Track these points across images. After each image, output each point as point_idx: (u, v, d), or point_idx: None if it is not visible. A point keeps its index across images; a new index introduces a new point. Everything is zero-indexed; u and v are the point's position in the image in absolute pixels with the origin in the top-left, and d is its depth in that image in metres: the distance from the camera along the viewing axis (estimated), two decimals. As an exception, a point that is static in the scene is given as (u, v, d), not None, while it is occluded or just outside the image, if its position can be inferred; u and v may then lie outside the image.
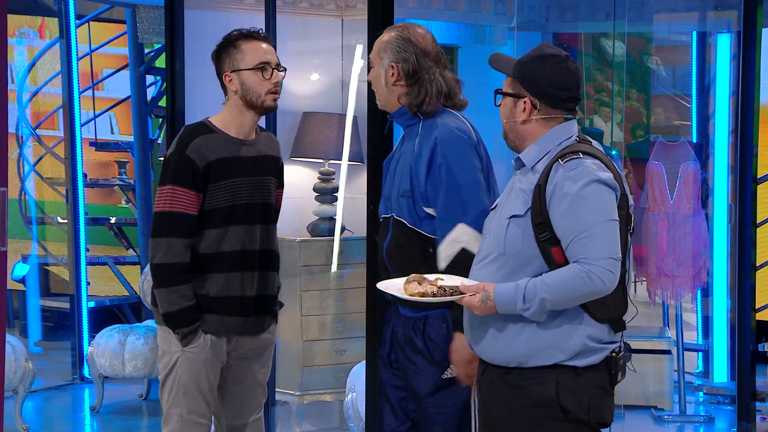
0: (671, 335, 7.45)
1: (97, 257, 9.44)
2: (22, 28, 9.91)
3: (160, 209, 4.07)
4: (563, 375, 3.39)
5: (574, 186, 3.32)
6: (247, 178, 4.13)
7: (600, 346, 3.41)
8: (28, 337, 9.17)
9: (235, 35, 4.14)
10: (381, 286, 3.57)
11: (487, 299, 3.35)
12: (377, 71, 3.94)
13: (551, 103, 3.45)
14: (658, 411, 7.15)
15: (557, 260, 3.35)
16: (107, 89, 10.18)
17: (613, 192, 3.37)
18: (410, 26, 3.97)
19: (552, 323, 3.38)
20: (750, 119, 6.35)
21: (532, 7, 8.09)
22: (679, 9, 8.12)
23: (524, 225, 3.39)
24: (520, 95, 3.45)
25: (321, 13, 6.80)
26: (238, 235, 4.12)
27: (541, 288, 3.31)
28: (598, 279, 3.28)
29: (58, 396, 7.98)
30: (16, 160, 9.44)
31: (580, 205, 3.31)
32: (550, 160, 3.40)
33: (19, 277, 9.46)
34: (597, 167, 3.36)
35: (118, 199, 10.11)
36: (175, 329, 4.07)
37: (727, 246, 7.42)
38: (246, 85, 4.11)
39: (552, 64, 3.44)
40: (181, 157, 4.05)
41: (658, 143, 7.34)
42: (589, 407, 3.41)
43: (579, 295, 3.31)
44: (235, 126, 4.15)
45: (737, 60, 6.59)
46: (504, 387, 3.46)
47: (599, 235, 3.30)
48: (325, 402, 6.58)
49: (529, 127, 3.47)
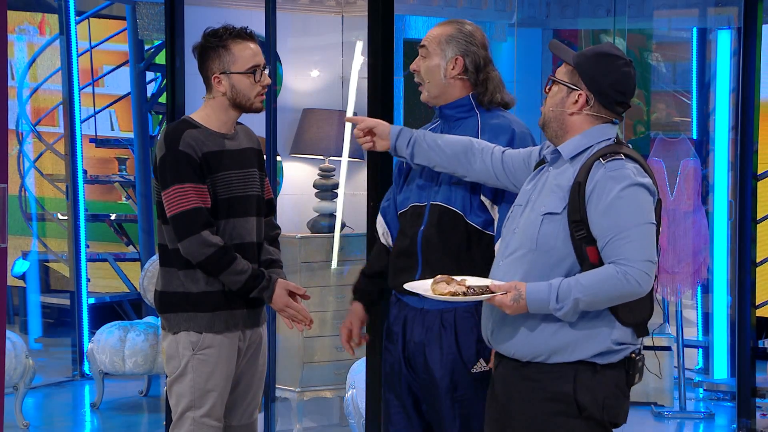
0: (671, 332, 7.45)
1: (97, 254, 9.44)
2: (22, 24, 9.90)
3: (173, 212, 4.03)
4: (582, 372, 3.37)
5: (615, 187, 3.31)
6: (236, 171, 4.13)
7: (621, 347, 3.39)
8: (29, 333, 9.17)
9: (224, 34, 4.10)
10: (408, 287, 3.53)
11: (519, 298, 3.31)
12: (435, 62, 3.91)
13: (605, 102, 3.43)
14: (658, 407, 7.16)
15: (591, 260, 3.33)
16: (107, 86, 10.17)
17: (652, 197, 3.36)
18: (463, 21, 3.98)
19: (577, 323, 3.35)
20: (750, 116, 6.35)
21: (533, 4, 8.10)
22: (680, 5, 8.13)
23: (560, 222, 3.36)
24: (576, 87, 3.43)
25: (321, 9, 6.80)
26: (237, 227, 4.12)
27: (576, 288, 3.28)
28: (634, 281, 3.26)
29: (59, 392, 7.98)
30: (16, 156, 9.43)
31: (619, 205, 3.30)
32: (589, 158, 3.38)
33: (19, 273, 9.46)
34: (637, 172, 3.35)
35: (118, 196, 10.11)
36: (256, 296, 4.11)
37: (727, 242, 7.43)
38: (236, 89, 4.10)
39: (616, 64, 3.43)
40: (176, 154, 4.03)
41: (659, 140, 7.34)
42: (604, 406, 3.39)
43: (614, 296, 3.29)
44: (218, 122, 4.14)
45: (737, 56, 6.59)
46: (519, 379, 3.44)
47: (637, 237, 3.28)
48: (326, 398, 6.58)
49: (576, 119, 3.44)
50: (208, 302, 4.10)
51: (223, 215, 4.10)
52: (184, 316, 4.12)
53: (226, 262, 4.05)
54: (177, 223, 4.03)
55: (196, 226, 4.01)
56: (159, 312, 4.20)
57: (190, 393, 4.11)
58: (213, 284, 4.10)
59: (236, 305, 4.14)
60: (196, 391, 4.10)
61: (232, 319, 4.13)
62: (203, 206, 4.03)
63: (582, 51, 3.49)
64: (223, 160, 4.10)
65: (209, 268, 4.06)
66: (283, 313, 4.15)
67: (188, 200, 4.02)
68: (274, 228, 4.34)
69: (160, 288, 4.19)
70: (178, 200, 4.02)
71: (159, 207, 4.13)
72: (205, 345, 4.11)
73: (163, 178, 4.07)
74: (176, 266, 4.12)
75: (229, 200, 4.11)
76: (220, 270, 4.05)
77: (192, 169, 4.03)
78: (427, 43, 3.94)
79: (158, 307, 4.20)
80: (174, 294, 4.14)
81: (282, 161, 6.70)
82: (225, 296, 4.11)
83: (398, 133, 3.89)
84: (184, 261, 4.08)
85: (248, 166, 4.18)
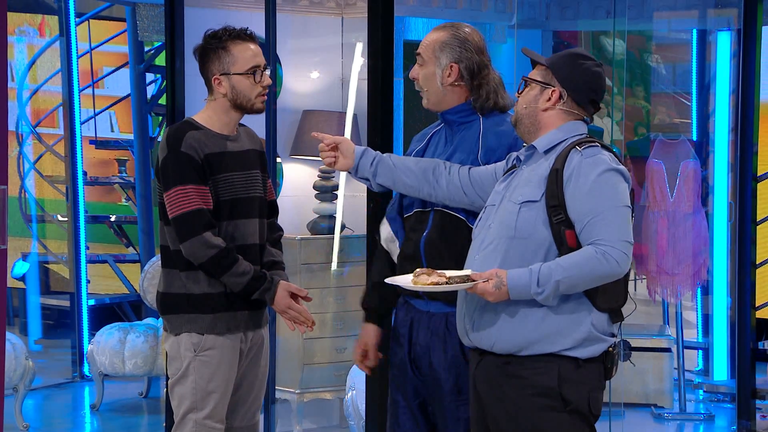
0: (671, 333, 7.45)
1: (97, 255, 9.44)
2: (22, 26, 9.91)
3: (175, 214, 4.03)
4: (565, 366, 3.42)
5: (592, 171, 3.39)
6: (239, 173, 4.13)
7: (601, 336, 3.44)
8: (28, 335, 9.16)
9: (224, 36, 4.10)
10: (390, 281, 3.57)
11: (501, 285, 3.35)
12: (431, 70, 3.90)
13: (578, 98, 3.52)
14: (658, 409, 7.16)
15: (569, 243, 3.38)
16: (107, 87, 10.17)
17: (627, 183, 3.44)
18: (459, 25, 3.96)
19: (558, 309, 3.40)
20: (750, 117, 6.35)
21: (533, 5, 8.10)
22: (680, 7, 8.12)
23: (538, 209, 3.42)
24: (550, 84, 3.52)
25: (321, 11, 6.80)
26: (239, 229, 4.12)
27: (556, 271, 3.33)
28: (613, 260, 3.32)
29: (58, 394, 7.98)
30: (16, 158, 9.43)
31: (597, 189, 3.38)
32: (565, 148, 3.46)
33: (19, 275, 9.46)
34: (612, 159, 3.44)
35: (118, 197, 10.11)
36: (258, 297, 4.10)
37: (727, 244, 7.42)
38: (237, 90, 4.10)
39: (588, 64, 3.54)
40: (178, 156, 4.03)
41: (658, 141, 7.34)
42: (589, 399, 3.45)
43: (594, 276, 3.34)
44: (220, 124, 4.14)
45: (737, 58, 6.58)
46: (503, 377, 3.47)
47: (614, 219, 3.36)
48: (325, 400, 6.58)
49: (548, 115, 3.53)
50: (209, 304, 4.10)
51: (225, 217, 4.10)
52: (186, 317, 4.12)
53: (228, 263, 4.04)
54: (179, 224, 4.03)
55: (198, 228, 4.01)
56: (161, 313, 4.19)
57: (192, 395, 4.10)
58: (215, 286, 4.10)
59: (238, 307, 4.13)
60: (198, 393, 4.10)
61: (233, 320, 4.13)
62: (205, 207, 4.03)
63: (555, 53, 3.61)
64: (225, 162, 4.09)
65: (211, 270, 4.06)
66: (285, 314, 4.15)
67: (190, 202, 4.02)
68: (277, 230, 4.34)
69: (161, 289, 4.19)
70: (180, 201, 4.02)
71: (161, 208, 4.12)
72: (206, 346, 4.11)
73: (165, 180, 4.06)
74: (178, 267, 4.11)
75: (232, 202, 4.11)
76: (222, 271, 4.05)
77: (194, 171, 4.03)
78: (422, 51, 3.93)
79: (160, 308, 4.19)
80: (176, 295, 4.13)
81: (282, 162, 6.70)
82: (227, 298, 4.11)
83: (362, 152, 3.91)
84: (186, 262, 4.08)
85: (251, 167, 4.18)
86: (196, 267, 4.07)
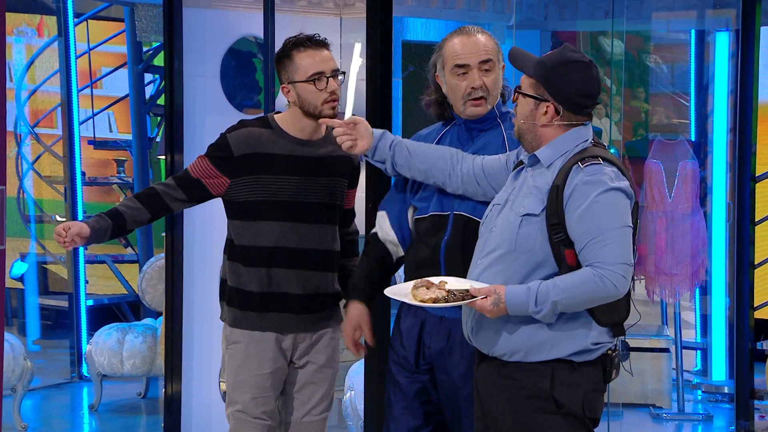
0: (670, 333, 7.46)
1: (95, 256, 9.43)
2: (20, 26, 9.91)
3: (186, 169, 4.20)
4: (559, 369, 3.42)
5: (592, 191, 3.35)
6: (298, 177, 4.11)
7: (597, 346, 3.44)
8: (27, 335, 9.16)
9: (289, 44, 4.11)
10: (388, 293, 3.54)
11: (499, 302, 3.35)
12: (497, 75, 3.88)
13: (574, 109, 3.45)
14: (657, 409, 7.16)
15: (569, 262, 3.37)
16: (106, 87, 10.17)
17: (629, 200, 3.41)
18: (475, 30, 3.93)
19: (556, 323, 3.40)
20: (748, 117, 6.35)
21: (531, 6, 8.10)
22: (678, 7, 8.13)
23: (538, 224, 3.40)
24: (543, 98, 3.44)
25: (319, 11, 6.80)
26: (274, 231, 4.11)
27: (554, 291, 3.32)
28: (611, 283, 3.31)
29: (57, 394, 7.98)
30: (14, 158, 9.43)
31: (596, 209, 3.34)
32: (568, 161, 3.41)
33: (17, 275, 9.45)
34: (615, 176, 3.39)
35: (116, 198, 10.10)
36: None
37: (725, 244, 7.43)
38: (302, 97, 4.09)
39: (577, 70, 3.43)
40: (223, 139, 4.13)
41: (657, 141, 7.34)
42: (583, 402, 3.44)
43: (591, 298, 3.34)
44: (296, 128, 4.15)
45: (736, 58, 6.59)
46: (500, 378, 3.48)
47: (614, 241, 3.33)
48: (324, 400, 6.56)
49: (549, 130, 3.46)
50: (237, 299, 4.16)
51: (253, 216, 4.11)
52: (224, 305, 4.24)
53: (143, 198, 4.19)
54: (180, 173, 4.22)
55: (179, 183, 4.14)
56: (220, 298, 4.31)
57: (228, 386, 4.21)
58: (248, 284, 4.13)
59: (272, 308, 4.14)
60: (230, 385, 4.19)
61: (259, 321, 4.14)
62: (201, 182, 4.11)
63: (542, 60, 3.47)
64: (276, 164, 4.10)
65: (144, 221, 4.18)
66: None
67: (196, 169, 4.13)
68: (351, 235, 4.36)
69: (220, 275, 4.30)
70: (193, 165, 4.16)
71: (225, 204, 4.19)
72: (233, 340, 4.18)
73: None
74: (227, 254, 4.21)
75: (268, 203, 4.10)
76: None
77: (220, 156, 4.10)
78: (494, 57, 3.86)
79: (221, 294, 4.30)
80: (222, 282, 4.26)
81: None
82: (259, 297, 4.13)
83: (381, 134, 3.87)
84: (231, 252, 4.16)
85: (326, 174, 4.15)
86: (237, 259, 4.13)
